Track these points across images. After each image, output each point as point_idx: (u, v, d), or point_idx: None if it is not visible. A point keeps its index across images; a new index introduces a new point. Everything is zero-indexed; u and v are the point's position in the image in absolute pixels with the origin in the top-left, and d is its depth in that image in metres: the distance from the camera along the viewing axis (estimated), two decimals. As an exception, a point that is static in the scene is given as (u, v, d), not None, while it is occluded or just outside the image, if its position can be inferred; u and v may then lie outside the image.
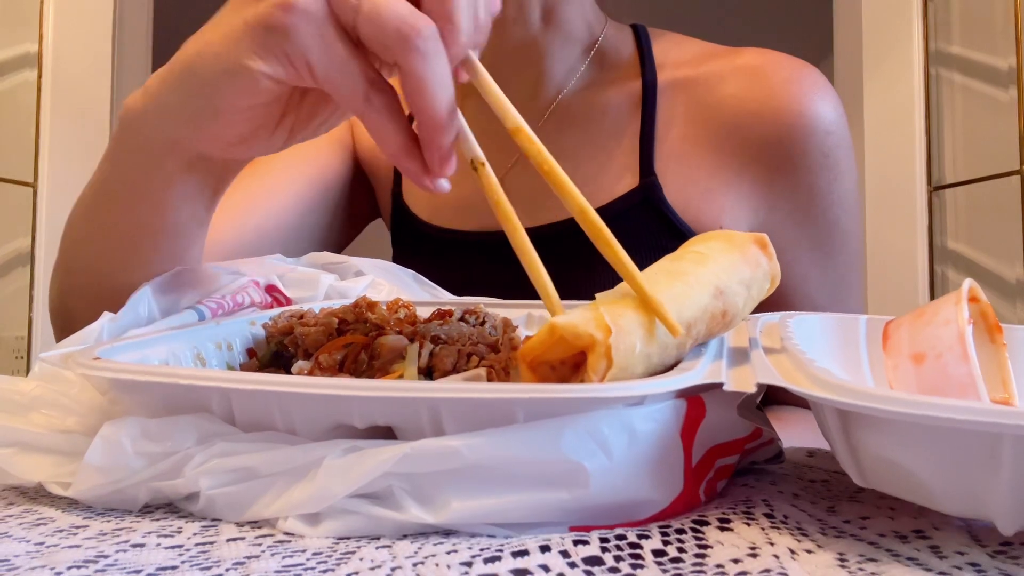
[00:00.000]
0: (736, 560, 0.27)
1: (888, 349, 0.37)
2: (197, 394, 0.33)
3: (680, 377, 0.31)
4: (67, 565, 0.27)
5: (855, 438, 0.29)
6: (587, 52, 0.70)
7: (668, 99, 0.67)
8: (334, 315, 0.45)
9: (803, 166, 0.64)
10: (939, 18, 1.63)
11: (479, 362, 0.40)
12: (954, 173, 1.59)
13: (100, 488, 0.33)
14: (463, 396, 0.29)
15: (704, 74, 0.67)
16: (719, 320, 0.35)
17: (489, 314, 0.48)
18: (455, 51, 0.34)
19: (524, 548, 0.28)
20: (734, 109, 0.65)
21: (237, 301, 0.49)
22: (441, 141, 0.35)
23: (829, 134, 0.64)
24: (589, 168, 0.68)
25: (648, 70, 0.68)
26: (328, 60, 0.33)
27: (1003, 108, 1.48)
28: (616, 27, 0.72)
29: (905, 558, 0.27)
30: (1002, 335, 0.39)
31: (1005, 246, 1.47)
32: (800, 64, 0.66)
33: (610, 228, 0.65)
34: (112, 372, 0.33)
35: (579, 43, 0.70)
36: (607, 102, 0.69)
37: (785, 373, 0.31)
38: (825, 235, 0.66)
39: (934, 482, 0.27)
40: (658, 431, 0.30)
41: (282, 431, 0.32)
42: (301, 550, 0.28)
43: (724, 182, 0.65)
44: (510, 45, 0.68)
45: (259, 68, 0.34)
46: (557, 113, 0.70)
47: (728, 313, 0.35)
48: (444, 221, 0.72)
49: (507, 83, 0.70)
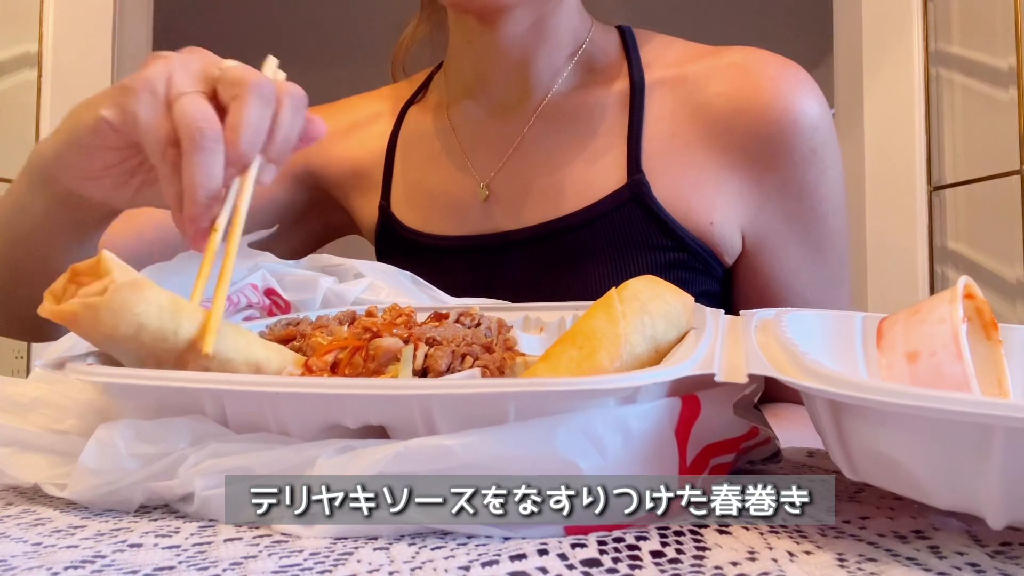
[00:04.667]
0: (735, 563, 0.27)
1: (882, 347, 0.37)
2: (189, 397, 0.33)
3: (671, 369, 0.31)
4: (64, 565, 0.27)
5: (846, 430, 0.29)
6: (572, 56, 0.71)
7: (656, 98, 0.68)
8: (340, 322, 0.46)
9: (791, 162, 0.65)
10: (939, 18, 1.62)
11: (473, 362, 0.40)
12: (954, 173, 1.59)
13: (95, 489, 0.33)
14: (454, 392, 0.29)
15: (691, 73, 0.68)
16: None
17: (484, 316, 0.48)
18: (233, 154, 0.43)
19: (522, 552, 0.28)
20: (721, 107, 0.65)
21: (234, 302, 0.49)
22: (193, 216, 0.43)
23: (816, 129, 0.65)
24: (577, 167, 0.68)
25: (635, 70, 0.69)
26: (147, 118, 0.45)
27: (1003, 108, 1.48)
28: (602, 29, 0.73)
29: (904, 558, 0.27)
30: (998, 332, 0.39)
31: (1005, 246, 1.46)
32: (784, 62, 0.67)
33: (599, 226, 0.63)
34: (105, 377, 0.33)
35: (564, 47, 0.70)
36: (595, 102, 0.70)
37: (777, 364, 0.31)
38: (815, 230, 0.67)
39: (924, 475, 0.27)
40: (652, 429, 0.30)
41: (275, 432, 0.32)
42: (298, 551, 0.28)
43: (713, 179, 0.66)
44: (495, 49, 0.69)
45: (105, 114, 0.47)
46: (545, 114, 0.71)
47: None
48: (434, 227, 0.72)
49: (496, 90, 0.72)
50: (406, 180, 0.75)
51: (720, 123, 0.66)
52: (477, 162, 0.72)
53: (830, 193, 0.66)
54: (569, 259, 0.67)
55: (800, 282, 0.68)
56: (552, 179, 0.69)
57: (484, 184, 0.71)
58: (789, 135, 0.64)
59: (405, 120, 0.78)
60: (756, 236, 0.67)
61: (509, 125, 0.72)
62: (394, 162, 0.76)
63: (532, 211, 0.69)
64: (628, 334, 0.35)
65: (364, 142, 0.78)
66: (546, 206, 0.69)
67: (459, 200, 0.72)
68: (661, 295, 0.37)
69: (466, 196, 0.72)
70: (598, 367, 0.33)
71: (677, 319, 0.37)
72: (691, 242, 0.65)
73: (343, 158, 0.78)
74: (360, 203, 0.78)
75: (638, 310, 0.36)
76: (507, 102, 0.72)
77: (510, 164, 0.71)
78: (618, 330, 0.35)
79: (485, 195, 0.71)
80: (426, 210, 0.73)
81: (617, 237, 0.66)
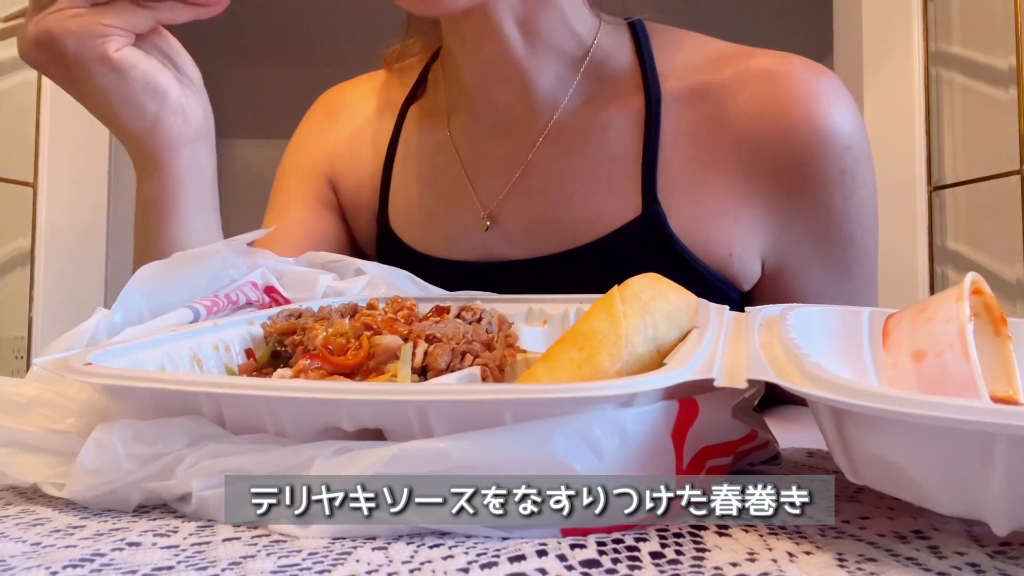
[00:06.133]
0: (734, 563, 0.27)
1: (888, 346, 0.36)
2: (186, 398, 0.33)
3: (670, 374, 0.30)
4: (63, 564, 0.27)
5: (848, 435, 0.29)
6: (579, 63, 0.65)
7: (673, 115, 0.62)
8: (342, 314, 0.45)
9: (818, 186, 0.60)
10: (939, 18, 1.62)
11: (473, 360, 0.40)
12: (954, 173, 1.59)
13: (93, 489, 0.33)
14: (450, 398, 0.29)
15: (712, 84, 0.62)
16: None
17: (486, 311, 0.48)
18: None
19: (521, 553, 0.28)
20: (745, 127, 0.60)
21: (232, 299, 0.49)
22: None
23: (847, 149, 0.60)
24: (588, 196, 0.63)
25: (651, 82, 0.63)
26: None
27: (1003, 108, 1.48)
28: (611, 29, 0.66)
29: (904, 558, 0.27)
30: (1007, 328, 0.38)
31: (1005, 246, 1.46)
32: (815, 72, 0.61)
33: (611, 262, 0.59)
34: (102, 378, 0.33)
35: (567, 54, 0.64)
36: (607, 120, 0.64)
37: (778, 368, 0.31)
38: (840, 250, 0.63)
39: (927, 480, 0.27)
40: (649, 432, 0.30)
41: (272, 434, 0.32)
42: (297, 550, 0.28)
43: (734, 207, 0.61)
44: (491, 63, 0.64)
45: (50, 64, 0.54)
46: (553, 135, 0.65)
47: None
48: (436, 251, 0.69)
49: (496, 104, 0.67)
50: (406, 195, 0.71)
51: (745, 146, 0.60)
52: (480, 187, 0.68)
53: (859, 213, 0.62)
54: (572, 292, 0.64)
55: (824, 302, 0.65)
56: (561, 210, 0.64)
57: (485, 215, 0.67)
58: (818, 158, 0.59)
59: (406, 123, 0.73)
60: (777, 260, 0.63)
61: (514, 147, 0.67)
62: (392, 171, 0.72)
63: (539, 243, 0.65)
64: (629, 335, 0.35)
65: (366, 146, 0.75)
66: (553, 238, 0.64)
67: (460, 226, 0.68)
68: (663, 294, 0.37)
69: (468, 223, 0.68)
70: (598, 368, 0.33)
71: (679, 319, 0.37)
72: (708, 275, 0.61)
73: (348, 168, 0.75)
74: (356, 214, 0.75)
75: (640, 310, 0.35)
76: (511, 120, 0.67)
77: (515, 191, 0.66)
78: (619, 330, 0.34)
79: (487, 225, 0.66)
80: (427, 231, 0.70)
81: (629, 274, 0.62)
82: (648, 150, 0.62)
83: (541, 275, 0.65)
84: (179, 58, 0.58)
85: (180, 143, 0.57)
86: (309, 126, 0.79)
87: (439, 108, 0.72)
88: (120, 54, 0.53)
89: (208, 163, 0.60)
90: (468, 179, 0.68)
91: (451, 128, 0.70)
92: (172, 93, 0.56)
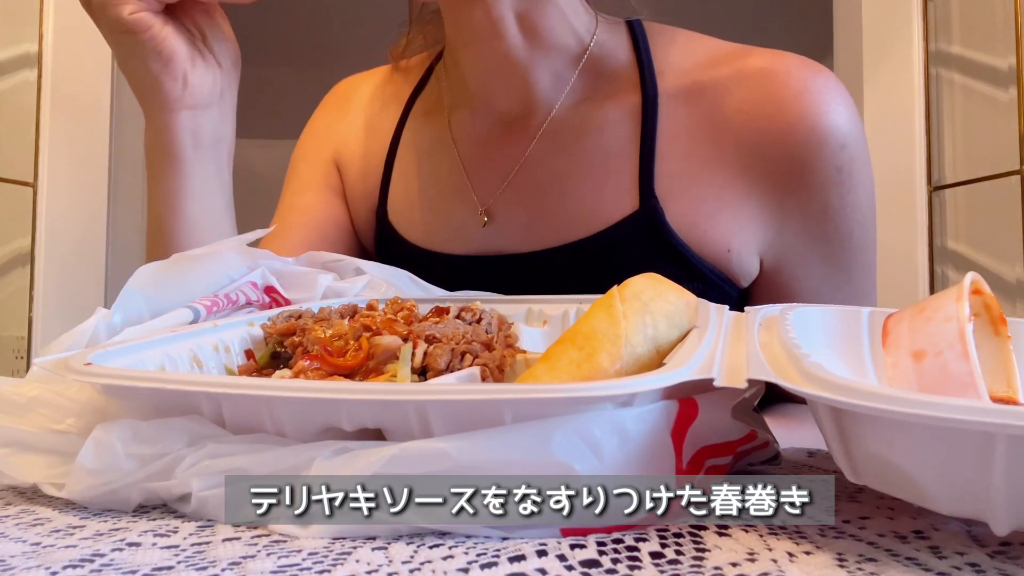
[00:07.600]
0: (734, 563, 0.27)
1: (888, 346, 0.36)
2: (186, 399, 0.33)
3: (670, 374, 0.30)
4: (63, 564, 0.27)
5: (848, 434, 0.29)
6: (577, 61, 0.65)
7: (670, 112, 0.63)
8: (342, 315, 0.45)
9: (815, 184, 0.60)
10: (939, 18, 1.62)
11: (472, 361, 0.40)
12: (954, 173, 1.59)
13: (93, 489, 0.33)
14: (450, 398, 0.29)
15: (708, 82, 0.62)
16: None
17: (486, 311, 0.48)
18: None
19: (521, 553, 0.28)
20: (742, 125, 0.61)
21: (232, 299, 0.49)
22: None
23: (843, 147, 0.60)
24: (585, 191, 0.64)
25: (648, 79, 0.64)
26: None
27: (1003, 108, 1.48)
28: (610, 28, 0.67)
29: (904, 558, 0.27)
30: (1007, 328, 0.38)
31: (1005, 246, 1.46)
32: (811, 71, 0.61)
33: (608, 256, 0.60)
34: (102, 378, 0.33)
35: (566, 52, 0.65)
36: (604, 117, 0.65)
37: (778, 367, 0.31)
38: (837, 249, 0.63)
39: (927, 481, 0.27)
40: (648, 432, 0.30)
41: (272, 434, 0.32)
42: (297, 550, 0.28)
43: (731, 203, 0.61)
44: (491, 61, 0.65)
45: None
46: (550, 132, 0.66)
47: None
48: (433, 245, 0.69)
49: (495, 100, 0.68)
50: (406, 189, 0.72)
51: (742, 144, 0.61)
52: (478, 182, 0.68)
53: (855, 211, 0.62)
54: (574, 288, 0.62)
55: (822, 301, 0.65)
56: (558, 204, 0.65)
57: (483, 210, 0.67)
58: (815, 157, 0.60)
59: (409, 118, 0.74)
60: (775, 258, 0.64)
61: (512, 143, 0.67)
62: (394, 165, 0.73)
63: (536, 237, 0.65)
64: (629, 335, 0.35)
65: (373, 138, 0.76)
66: (551, 233, 0.65)
67: (458, 221, 0.68)
68: (663, 294, 0.37)
69: (466, 217, 0.68)
70: (598, 368, 0.33)
71: (679, 318, 0.37)
72: (706, 271, 0.62)
73: (354, 158, 0.76)
74: (358, 204, 0.76)
75: (639, 310, 0.35)
76: (510, 116, 0.68)
77: (512, 187, 0.67)
78: (619, 331, 0.34)
79: (484, 221, 0.67)
80: (425, 226, 0.70)
81: (627, 268, 0.62)
82: (645, 146, 0.62)
83: (538, 269, 0.65)
84: (213, 37, 0.61)
85: (176, 106, 0.60)
86: (322, 114, 0.81)
87: (441, 104, 0.73)
88: (133, 17, 0.56)
89: (209, 131, 0.62)
90: (466, 175, 0.69)
91: (451, 124, 0.71)
92: (177, 60, 0.58)
